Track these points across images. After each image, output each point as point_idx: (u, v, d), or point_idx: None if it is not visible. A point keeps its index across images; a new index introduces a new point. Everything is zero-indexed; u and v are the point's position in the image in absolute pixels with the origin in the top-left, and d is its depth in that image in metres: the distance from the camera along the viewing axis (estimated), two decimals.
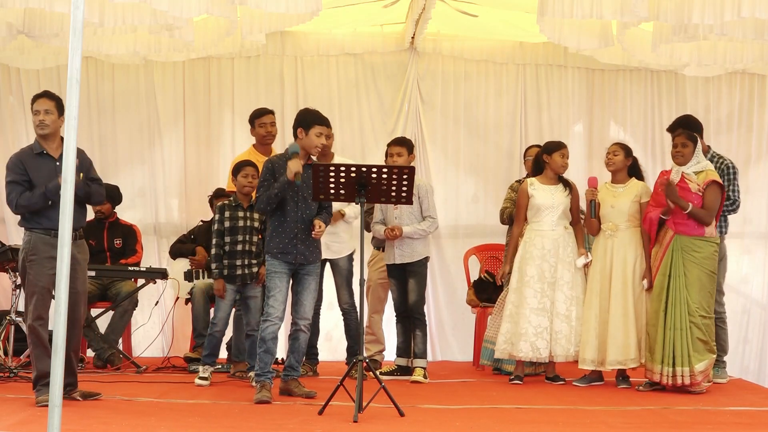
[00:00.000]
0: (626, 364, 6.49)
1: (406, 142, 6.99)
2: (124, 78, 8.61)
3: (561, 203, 6.70)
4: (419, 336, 6.89)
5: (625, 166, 6.67)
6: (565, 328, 6.59)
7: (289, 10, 6.22)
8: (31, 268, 5.43)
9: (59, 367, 3.65)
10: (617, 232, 6.56)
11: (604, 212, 6.62)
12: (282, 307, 5.76)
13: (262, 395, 5.62)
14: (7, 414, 5.07)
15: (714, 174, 6.41)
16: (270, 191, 5.71)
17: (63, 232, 3.68)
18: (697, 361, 6.19)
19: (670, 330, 6.22)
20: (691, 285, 6.25)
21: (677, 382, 6.19)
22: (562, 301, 6.61)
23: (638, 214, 6.56)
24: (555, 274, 6.64)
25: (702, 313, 6.25)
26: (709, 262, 6.32)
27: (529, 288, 6.64)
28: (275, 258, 5.78)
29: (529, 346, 6.59)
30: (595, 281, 6.58)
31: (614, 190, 6.66)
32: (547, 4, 6.34)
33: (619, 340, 6.45)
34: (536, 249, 6.67)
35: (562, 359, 6.67)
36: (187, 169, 8.64)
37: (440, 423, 5.11)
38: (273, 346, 5.77)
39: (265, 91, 8.61)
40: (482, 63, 8.80)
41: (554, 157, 6.74)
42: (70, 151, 3.76)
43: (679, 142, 6.45)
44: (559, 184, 6.77)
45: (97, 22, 6.40)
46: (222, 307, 6.54)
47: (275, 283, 5.75)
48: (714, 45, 7.39)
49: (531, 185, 6.79)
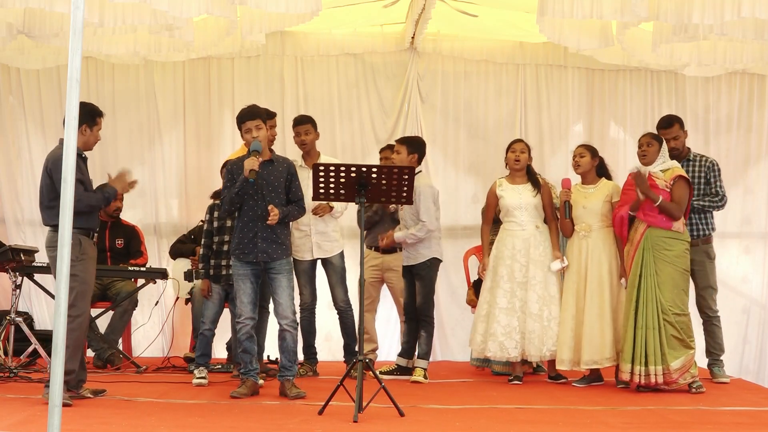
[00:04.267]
0: (601, 364, 6.50)
1: (406, 141, 6.98)
2: (124, 78, 8.62)
3: (529, 202, 6.70)
4: (424, 337, 6.88)
5: (593, 167, 6.69)
6: (537, 327, 6.59)
7: (289, 10, 6.23)
8: (82, 267, 5.54)
9: (59, 367, 3.65)
10: (591, 233, 6.58)
11: (576, 213, 6.64)
12: (250, 306, 5.86)
13: (236, 391, 5.85)
14: (7, 414, 5.07)
15: (680, 170, 6.44)
16: (230, 192, 5.79)
17: (63, 232, 3.69)
18: (673, 359, 6.19)
19: (641, 329, 6.23)
20: (663, 283, 6.25)
21: (651, 381, 6.20)
22: (534, 300, 6.61)
23: (610, 214, 6.58)
24: (527, 273, 6.64)
25: (676, 311, 6.25)
26: (681, 260, 6.33)
27: (500, 288, 6.66)
28: (237, 258, 5.88)
29: (497, 346, 6.61)
30: (571, 281, 6.60)
31: (585, 191, 6.67)
32: (547, 4, 6.34)
33: (594, 340, 6.46)
34: (507, 249, 6.69)
35: (537, 359, 6.69)
36: (187, 169, 8.65)
37: (440, 423, 5.11)
38: (250, 345, 5.90)
39: (265, 91, 8.61)
40: (482, 63, 8.81)
41: (507, 155, 6.82)
42: (70, 151, 3.76)
43: (644, 142, 6.48)
44: (528, 183, 6.76)
45: (97, 22, 6.40)
46: (210, 306, 6.59)
47: (239, 285, 5.89)
48: (714, 45, 7.39)
49: (499, 186, 6.82)
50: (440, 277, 8.67)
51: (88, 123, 5.70)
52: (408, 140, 7.01)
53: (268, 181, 5.83)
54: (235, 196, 5.78)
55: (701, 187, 6.88)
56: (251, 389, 5.90)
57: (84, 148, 5.75)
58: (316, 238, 6.97)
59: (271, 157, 5.94)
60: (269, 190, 5.82)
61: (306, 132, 6.96)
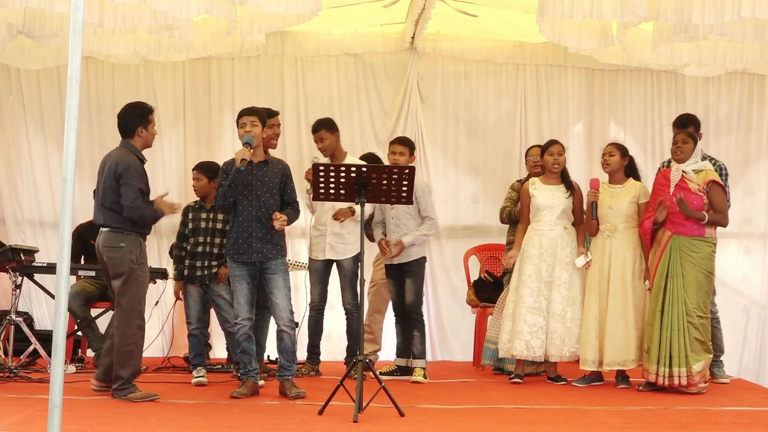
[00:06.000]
0: (625, 365, 6.49)
1: (408, 142, 6.99)
2: (124, 78, 8.62)
3: (560, 203, 6.70)
4: (417, 337, 6.89)
5: (622, 167, 6.67)
6: (560, 328, 6.59)
7: (289, 10, 6.23)
8: (141, 271, 5.70)
9: (59, 367, 3.65)
10: (615, 233, 6.56)
11: (602, 213, 6.62)
12: (247, 307, 5.87)
13: (236, 391, 5.87)
14: (7, 414, 5.07)
15: (713, 174, 6.41)
16: (222, 186, 5.81)
17: (63, 232, 3.68)
18: (695, 362, 6.18)
19: (666, 330, 6.22)
20: (688, 285, 6.25)
21: (674, 383, 6.19)
22: (558, 301, 6.62)
23: (636, 215, 6.56)
24: (552, 273, 6.64)
25: (699, 313, 6.25)
26: (707, 262, 6.32)
27: (526, 287, 6.65)
28: (232, 259, 5.89)
29: (524, 345, 6.60)
30: (593, 282, 6.58)
31: (612, 190, 6.66)
32: (547, 4, 6.33)
33: (617, 341, 6.45)
34: (534, 248, 6.68)
35: (556, 359, 6.68)
36: (187, 169, 8.63)
37: (440, 423, 5.11)
38: (248, 345, 5.92)
39: (265, 91, 8.61)
40: (482, 63, 8.81)
41: (545, 158, 6.80)
42: (70, 151, 3.76)
43: (680, 139, 6.46)
44: (561, 184, 6.77)
45: (97, 22, 6.40)
46: (191, 305, 6.62)
47: (235, 286, 5.90)
48: (714, 45, 7.39)
49: (532, 185, 6.81)
50: (440, 277, 8.72)
51: (142, 125, 5.79)
52: (407, 141, 7.01)
53: (262, 182, 5.84)
54: (228, 189, 5.78)
55: None
56: (251, 389, 5.91)
57: (144, 147, 5.86)
58: (331, 239, 6.94)
59: (266, 159, 5.94)
60: (263, 191, 5.83)
61: (320, 139, 6.94)
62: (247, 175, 5.80)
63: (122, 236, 5.67)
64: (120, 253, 5.66)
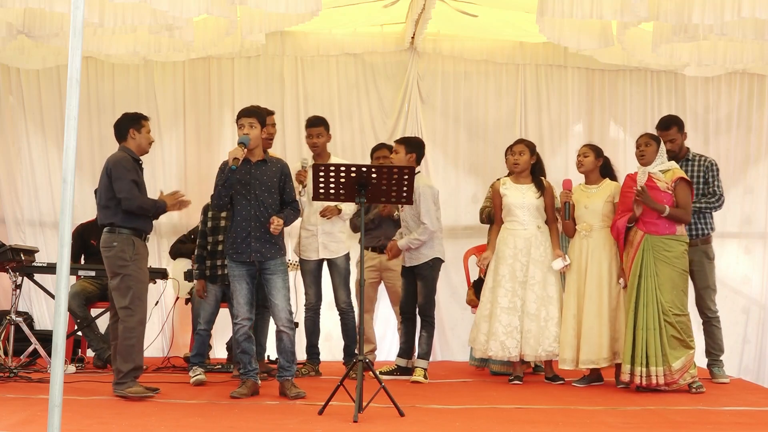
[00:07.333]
0: (599, 363, 6.49)
1: (404, 140, 6.98)
2: (124, 78, 8.62)
3: (532, 203, 6.71)
4: (424, 337, 6.87)
5: (597, 167, 6.69)
6: (534, 327, 6.59)
7: (289, 10, 6.23)
8: (135, 267, 5.72)
9: (59, 367, 3.65)
10: (592, 233, 6.58)
11: (578, 213, 6.64)
12: (246, 307, 5.87)
13: (236, 391, 5.86)
14: (7, 414, 5.07)
15: (680, 171, 6.44)
16: (217, 186, 5.82)
17: (63, 232, 3.68)
18: (674, 359, 6.19)
19: (641, 330, 6.23)
20: (662, 284, 6.26)
21: (652, 382, 6.20)
22: (532, 300, 6.62)
23: (612, 214, 6.58)
24: (526, 273, 6.64)
25: (676, 311, 6.26)
26: (680, 261, 6.33)
27: (501, 287, 6.67)
28: (231, 259, 5.90)
29: (498, 345, 6.61)
30: (572, 281, 6.61)
31: (587, 191, 6.68)
32: (547, 4, 6.34)
33: (592, 340, 6.46)
34: (508, 248, 6.69)
35: (531, 359, 6.69)
36: (187, 169, 8.65)
37: (440, 423, 5.11)
38: (248, 345, 5.93)
39: (265, 91, 8.62)
40: (482, 63, 8.81)
41: (507, 156, 6.85)
42: (70, 151, 3.76)
43: (642, 142, 6.48)
44: (531, 183, 6.77)
45: (97, 22, 6.40)
46: (205, 306, 6.60)
47: (234, 285, 5.90)
48: (714, 45, 7.39)
49: (503, 185, 6.83)
50: (440, 277, 8.66)
51: (134, 127, 5.88)
52: (406, 140, 7.00)
53: (261, 181, 5.83)
54: (222, 188, 5.79)
55: (700, 187, 6.88)
56: (251, 389, 5.90)
57: (139, 152, 5.93)
58: (323, 238, 6.97)
59: (264, 158, 5.93)
60: (262, 191, 5.83)
61: (318, 134, 6.97)
62: (246, 174, 5.80)
63: (114, 236, 5.75)
64: (112, 252, 5.73)
